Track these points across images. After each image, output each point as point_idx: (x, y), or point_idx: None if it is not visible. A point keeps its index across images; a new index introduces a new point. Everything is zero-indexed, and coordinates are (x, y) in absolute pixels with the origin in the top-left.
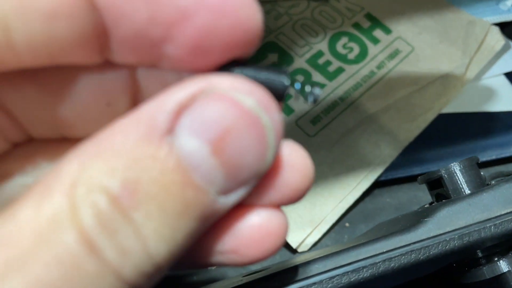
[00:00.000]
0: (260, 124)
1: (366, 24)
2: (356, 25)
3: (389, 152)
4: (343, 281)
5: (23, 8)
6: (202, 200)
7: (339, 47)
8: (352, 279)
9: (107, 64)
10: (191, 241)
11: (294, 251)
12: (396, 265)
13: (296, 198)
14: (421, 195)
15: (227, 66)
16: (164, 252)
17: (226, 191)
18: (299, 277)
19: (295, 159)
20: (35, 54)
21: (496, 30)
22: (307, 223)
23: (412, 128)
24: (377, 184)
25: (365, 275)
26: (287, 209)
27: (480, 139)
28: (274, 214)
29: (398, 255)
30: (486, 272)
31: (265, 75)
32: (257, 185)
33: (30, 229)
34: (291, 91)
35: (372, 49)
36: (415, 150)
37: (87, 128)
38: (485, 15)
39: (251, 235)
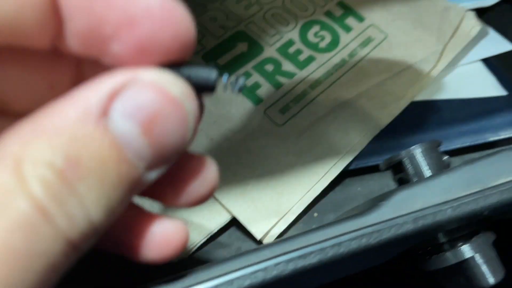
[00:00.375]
0: (184, 109)
1: (338, 12)
2: (328, 13)
3: (359, 140)
4: (289, 267)
5: None
6: (132, 173)
7: (310, 36)
8: (298, 266)
9: (57, 51)
10: (121, 209)
11: (259, 242)
12: (346, 250)
13: (199, 202)
14: (392, 183)
15: (165, 66)
16: (102, 218)
17: (151, 167)
18: (244, 264)
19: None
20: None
21: (472, 16)
22: (272, 213)
23: (384, 115)
24: (348, 173)
25: (312, 260)
26: (253, 199)
27: (454, 126)
28: (176, 226)
29: (347, 240)
30: (450, 257)
31: (196, 71)
32: (170, 187)
33: None
34: (220, 83)
35: (344, 37)
36: (387, 138)
37: (26, 105)
38: (462, 0)
39: (153, 241)
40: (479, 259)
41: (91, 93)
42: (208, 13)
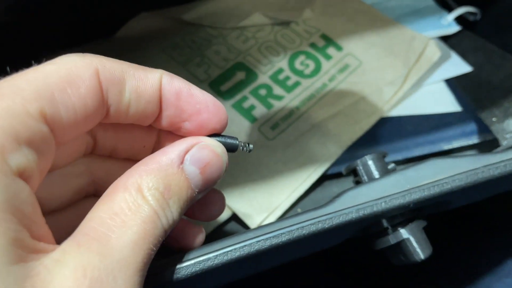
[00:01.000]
0: (222, 160)
1: (321, 43)
2: (312, 45)
3: (335, 151)
4: (266, 244)
5: (138, 94)
6: (192, 194)
7: (297, 64)
8: (273, 243)
9: (151, 126)
10: (183, 213)
11: None
12: (307, 232)
13: (214, 218)
14: None
15: (212, 135)
16: (177, 218)
17: (200, 191)
18: (235, 241)
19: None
20: (132, 119)
21: (434, 44)
22: (264, 209)
23: (356, 130)
24: (327, 177)
25: (283, 239)
26: (249, 198)
27: (413, 137)
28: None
29: (308, 225)
30: (391, 239)
31: (227, 139)
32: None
33: (123, 206)
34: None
35: (325, 64)
36: (358, 148)
37: (127, 155)
38: (428, 29)
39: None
40: (412, 240)
41: (176, 149)
42: (213, 47)
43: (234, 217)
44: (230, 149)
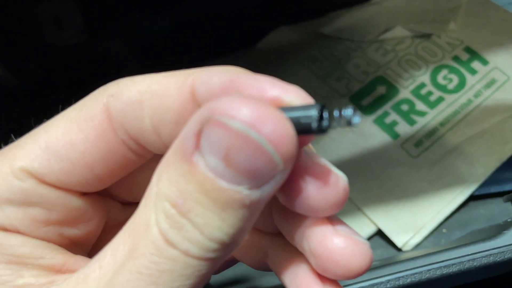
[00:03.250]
0: (251, 138)
1: (465, 56)
2: (456, 58)
3: (483, 171)
4: (437, 273)
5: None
6: (237, 196)
7: (439, 79)
8: (444, 272)
9: None
10: (249, 222)
11: (399, 249)
12: (478, 264)
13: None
14: (511, 209)
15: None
16: (222, 235)
17: (256, 186)
18: (404, 268)
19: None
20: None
21: None
22: (410, 228)
23: (505, 150)
24: (472, 197)
25: (453, 270)
26: (394, 216)
27: None
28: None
29: (479, 257)
30: None
31: (298, 110)
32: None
33: (140, 230)
34: (332, 118)
35: (470, 79)
36: (507, 169)
37: None
38: None
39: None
40: None
41: (184, 132)
42: (352, 61)
43: (377, 233)
44: (298, 124)
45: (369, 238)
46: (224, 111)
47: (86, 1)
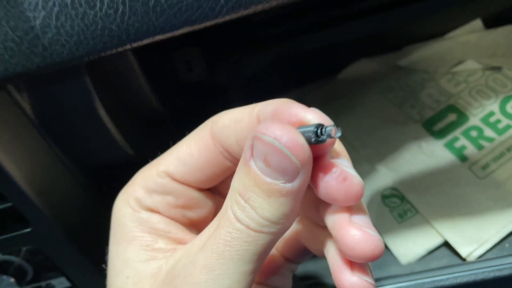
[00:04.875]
0: (275, 146)
1: None
2: None
3: None
4: (490, 275)
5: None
6: (277, 187)
7: (508, 108)
8: (496, 275)
9: None
10: (288, 207)
11: (463, 259)
12: None
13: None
14: None
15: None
16: (269, 215)
17: (290, 180)
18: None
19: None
20: None
21: None
22: (475, 240)
23: None
24: None
25: (504, 273)
26: (460, 229)
27: None
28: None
29: None
30: None
31: (309, 128)
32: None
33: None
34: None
35: None
36: None
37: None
38: None
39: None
40: None
41: (246, 149)
42: (426, 91)
43: (446, 244)
44: (307, 138)
45: (436, 249)
46: (262, 131)
47: (207, 46)
